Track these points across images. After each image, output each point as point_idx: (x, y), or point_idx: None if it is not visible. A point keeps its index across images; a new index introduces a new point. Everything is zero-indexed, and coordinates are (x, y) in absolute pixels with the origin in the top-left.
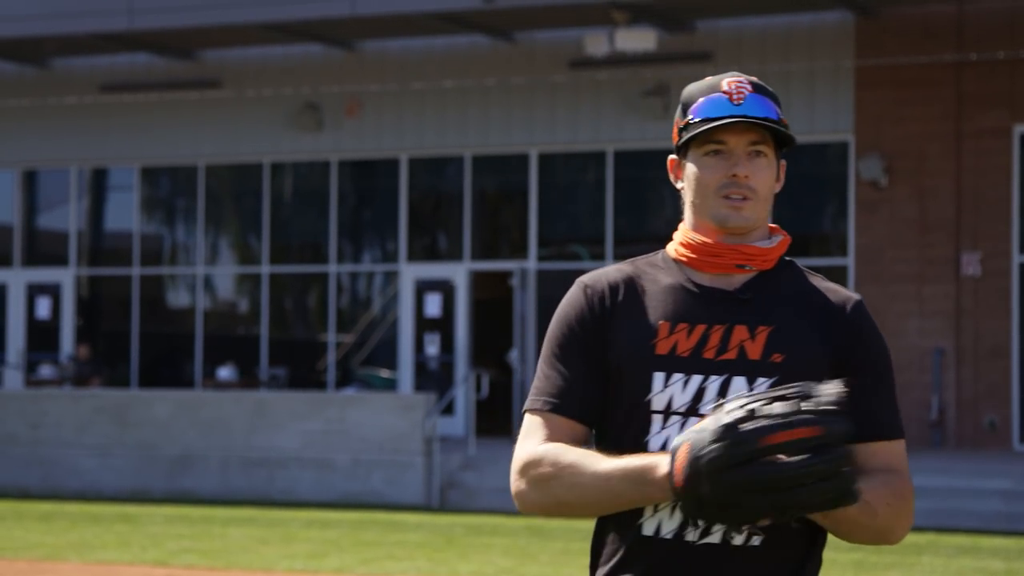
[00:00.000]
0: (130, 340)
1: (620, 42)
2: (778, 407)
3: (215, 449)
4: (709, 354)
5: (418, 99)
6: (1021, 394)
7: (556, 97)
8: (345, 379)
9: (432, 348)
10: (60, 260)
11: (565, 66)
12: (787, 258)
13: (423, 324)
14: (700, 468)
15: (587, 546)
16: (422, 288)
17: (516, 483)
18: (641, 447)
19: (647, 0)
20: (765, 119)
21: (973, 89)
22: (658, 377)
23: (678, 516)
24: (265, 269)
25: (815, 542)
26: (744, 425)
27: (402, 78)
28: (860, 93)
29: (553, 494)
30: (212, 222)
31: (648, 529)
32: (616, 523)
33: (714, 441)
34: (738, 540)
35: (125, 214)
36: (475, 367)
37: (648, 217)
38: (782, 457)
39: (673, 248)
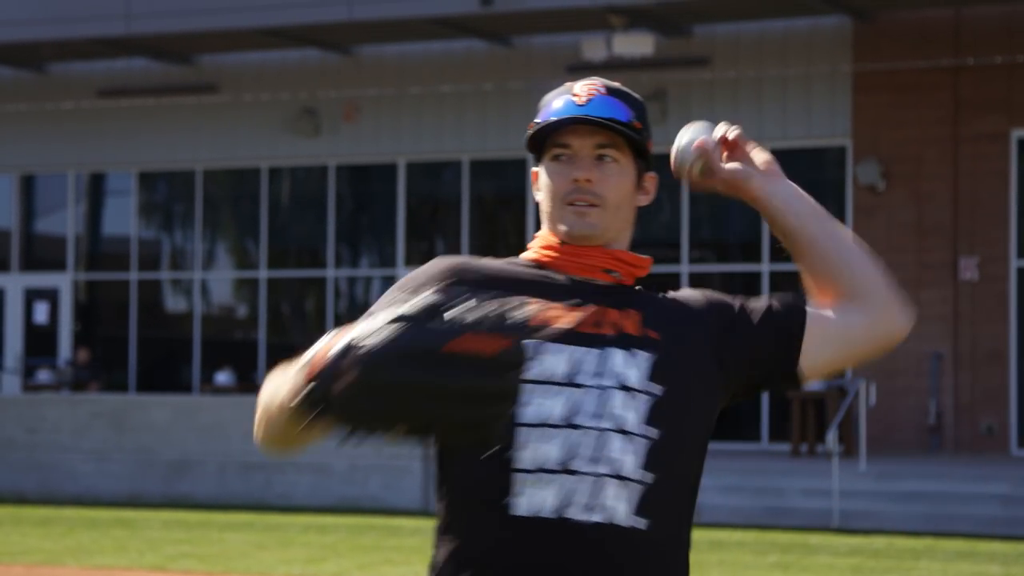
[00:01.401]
0: (128, 345)
1: (618, 47)
2: (469, 312)
3: (213, 454)
4: (584, 328)
5: (415, 104)
6: (1019, 399)
7: None
8: None
9: None
10: (58, 265)
11: (563, 71)
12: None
13: None
14: (356, 355)
15: None
16: None
17: None
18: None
19: (645, 5)
20: (610, 120)
21: (970, 94)
22: (530, 346)
23: (562, 493)
24: (263, 274)
25: (688, 535)
26: (427, 323)
27: (399, 83)
28: (857, 98)
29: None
30: (210, 227)
31: (522, 508)
32: (474, 503)
33: (386, 332)
34: (624, 520)
35: (123, 219)
36: None
37: (644, 222)
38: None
39: (534, 251)
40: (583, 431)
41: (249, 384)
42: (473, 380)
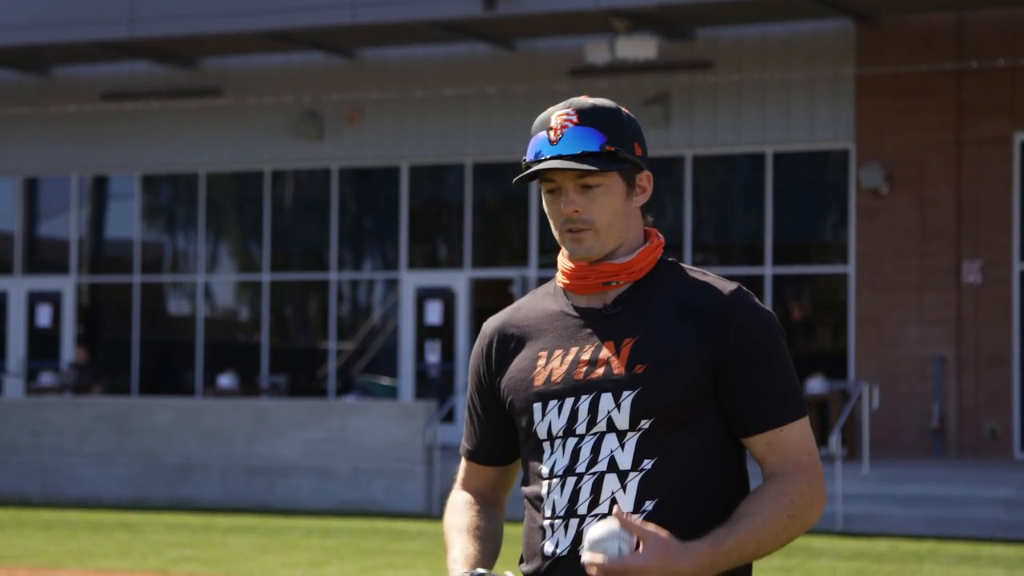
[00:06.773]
0: (131, 348)
1: (621, 50)
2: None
3: (216, 457)
4: (579, 376)
5: (419, 107)
6: (1022, 402)
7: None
8: (346, 387)
9: (433, 356)
10: (61, 268)
11: (566, 74)
12: (671, 260)
13: (424, 332)
14: None
15: None
16: (423, 296)
17: None
18: (539, 472)
19: (648, 8)
20: (581, 154)
21: (973, 97)
22: (537, 408)
23: (571, 534)
24: (266, 277)
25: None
26: None
27: (403, 86)
28: (861, 101)
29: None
30: (213, 230)
31: (548, 548)
32: (525, 543)
33: None
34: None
35: (126, 222)
36: None
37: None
38: None
39: (557, 275)
40: (581, 477)
41: (252, 387)
42: None
